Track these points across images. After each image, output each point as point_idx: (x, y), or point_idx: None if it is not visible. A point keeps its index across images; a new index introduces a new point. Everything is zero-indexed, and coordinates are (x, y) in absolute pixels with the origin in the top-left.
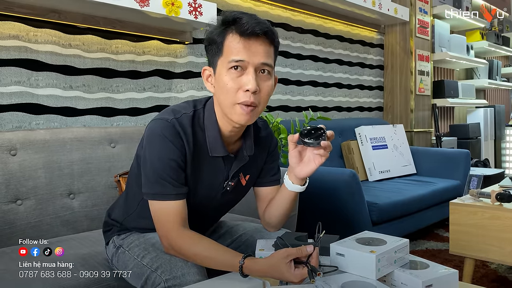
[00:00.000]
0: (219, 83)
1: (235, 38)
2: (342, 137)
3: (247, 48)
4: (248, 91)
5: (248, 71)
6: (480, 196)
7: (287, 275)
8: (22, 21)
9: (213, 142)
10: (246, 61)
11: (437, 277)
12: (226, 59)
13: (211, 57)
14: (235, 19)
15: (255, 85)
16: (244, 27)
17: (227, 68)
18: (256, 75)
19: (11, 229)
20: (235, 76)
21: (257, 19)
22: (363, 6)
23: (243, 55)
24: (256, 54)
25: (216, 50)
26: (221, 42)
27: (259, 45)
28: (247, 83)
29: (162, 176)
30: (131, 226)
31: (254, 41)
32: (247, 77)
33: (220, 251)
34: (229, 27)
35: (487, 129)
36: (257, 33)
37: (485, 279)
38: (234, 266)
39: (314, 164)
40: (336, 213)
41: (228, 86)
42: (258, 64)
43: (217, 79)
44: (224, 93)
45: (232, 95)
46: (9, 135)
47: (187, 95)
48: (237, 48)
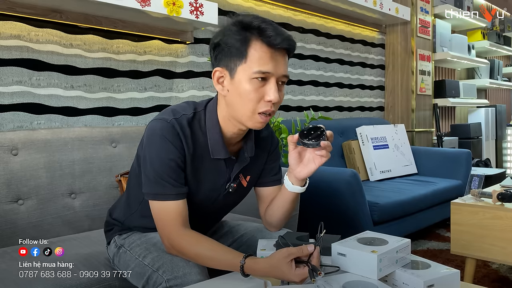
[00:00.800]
0: (239, 90)
1: (262, 49)
2: (343, 137)
3: (273, 60)
4: (270, 101)
5: (270, 82)
6: (482, 196)
7: (288, 274)
8: (23, 21)
9: (215, 144)
10: (271, 73)
11: (438, 277)
12: (251, 69)
13: (227, 59)
14: (260, 28)
15: (277, 96)
16: (274, 40)
17: (250, 77)
18: (277, 85)
19: (12, 228)
20: (258, 86)
21: (281, 30)
22: (364, 5)
23: (269, 67)
24: (280, 66)
25: (237, 55)
26: (244, 49)
27: (282, 57)
28: (270, 94)
29: (162, 176)
30: (133, 226)
31: (278, 53)
32: (270, 88)
33: (221, 251)
34: (253, 34)
35: (488, 129)
36: (286, 48)
37: (487, 279)
38: (235, 266)
39: (314, 165)
40: (337, 213)
41: (250, 95)
42: (280, 76)
43: (236, 85)
44: (244, 101)
45: (254, 104)
46: (11, 135)
47: (188, 94)
48: (264, 59)
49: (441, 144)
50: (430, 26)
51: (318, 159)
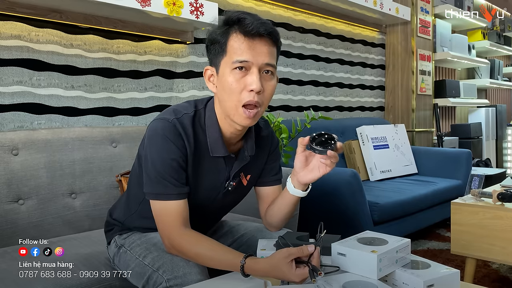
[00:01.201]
0: (223, 84)
1: (239, 38)
2: (344, 137)
3: (252, 48)
4: (253, 91)
5: (252, 71)
6: (482, 196)
7: (288, 275)
8: (24, 21)
9: (214, 142)
10: (250, 61)
11: (438, 277)
12: (230, 59)
13: (214, 57)
14: (239, 19)
15: (259, 85)
16: (249, 27)
17: (231, 69)
18: (260, 75)
19: (13, 228)
20: (239, 77)
21: (260, 19)
22: (365, 5)
23: (247, 55)
24: (261, 54)
25: (219, 50)
26: (224, 42)
27: (263, 45)
28: (251, 83)
29: (164, 176)
30: (133, 226)
31: (258, 42)
32: (251, 77)
33: (221, 251)
34: (232, 27)
35: (489, 129)
36: (262, 33)
37: (487, 279)
38: (236, 266)
39: (318, 173)
40: (337, 212)
41: (232, 86)
42: (262, 65)
43: (220, 79)
44: (228, 94)
45: (237, 96)
46: (11, 135)
47: (189, 95)
48: (241, 48)
49: (442, 144)
50: (430, 26)
51: (323, 168)
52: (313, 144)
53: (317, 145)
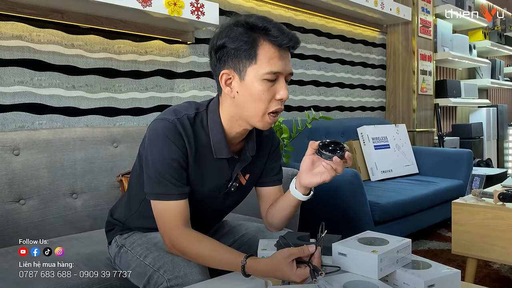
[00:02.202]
0: (250, 91)
1: (270, 49)
2: (344, 136)
3: (282, 59)
4: (281, 99)
5: (280, 81)
6: (483, 196)
7: (289, 275)
8: (25, 21)
9: (218, 144)
10: (281, 72)
11: (439, 277)
12: (262, 69)
13: (235, 61)
14: (265, 28)
15: (288, 94)
16: (283, 40)
17: (261, 78)
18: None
19: (14, 228)
20: (269, 86)
21: (285, 29)
22: (365, 5)
23: (279, 67)
24: (287, 64)
25: (246, 56)
26: (254, 51)
27: (288, 55)
28: (281, 93)
29: (164, 176)
30: (134, 226)
31: (285, 52)
32: (280, 87)
33: (222, 250)
34: (260, 35)
35: (490, 129)
36: (292, 46)
37: (488, 279)
38: (237, 266)
39: (319, 178)
40: (338, 212)
41: (262, 96)
42: (287, 75)
43: (248, 86)
44: (255, 101)
45: (266, 104)
46: (12, 135)
47: (189, 95)
48: (274, 60)
49: (442, 144)
50: (431, 26)
51: (326, 175)
52: (321, 149)
53: (326, 151)
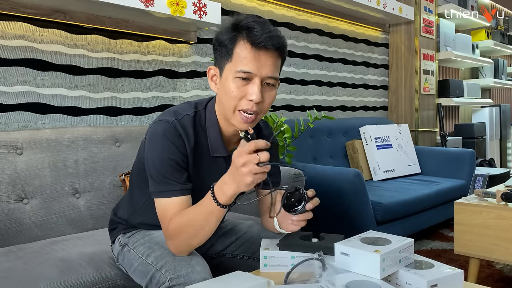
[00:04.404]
0: (224, 87)
1: (246, 47)
2: (347, 136)
3: (257, 60)
4: (252, 101)
5: (254, 82)
6: (485, 195)
7: (239, 174)
8: (28, 21)
9: (214, 142)
10: (253, 73)
11: (442, 277)
12: (235, 67)
13: (219, 59)
14: (248, 27)
15: (259, 96)
16: (257, 39)
17: (234, 76)
18: (261, 85)
19: (17, 228)
20: (241, 85)
21: (270, 30)
22: (368, 5)
23: (251, 67)
24: (265, 66)
25: (225, 54)
26: (231, 48)
27: (269, 57)
28: (252, 94)
29: (164, 174)
30: (137, 222)
31: (264, 53)
32: (252, 88)
33: (193, 207)
34: (241, 33)
35: (493, 129)
36: (268, 47)
37: (490, 279)
38: (211, 202)
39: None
40: (340, 212)
41: (233, 93)
42: (265, 77)
43: (223, 82)
44: (228, 98)
45: (235, 101)
46: (15, 134)
47: (192, 94)
48: (247, 58)
49: (445, 143)
50: (434, 26)
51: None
52: (285, 206)
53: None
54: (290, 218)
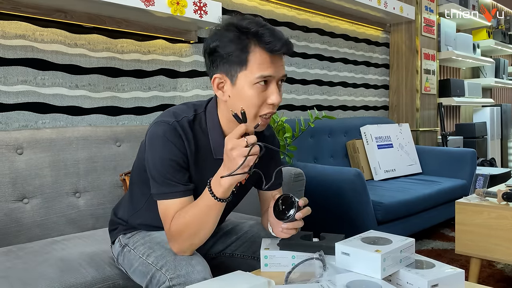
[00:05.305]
0: (241, 96)
1: (261, 55)
2: (347, 136)
3: (274, 63)
4: (273, 104)
5: (271, 85)
6: (486, 195)
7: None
8: (28, 21)
9: (217, 144)
10: (273, 76)
11: (443, 277)
12: (253, 74)
13: (226, 66)
14: (258, 33)
15: (279, 99)
16: (275, 46)
17: (252, 83)
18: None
19: (18, 227)
20: (261, 91)
21: (278, 33)
22: (369, 4)
23: (271, 71)
24: (280, 68)
25: (237, 62)
26: (245, 57)
27: (281, 59)
28: (273, 98)
29: (166, 176)
30: (137, 223)
31: (278, 56)
32: (271, 91)
33: (194, 204)
34: (251, 40)
35: (494, 128)
36: (285, 53)
37: (491, 279)
38: (208, 198)
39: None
40: (341, 212)
41: (254, 100)
42: (280, 77)
43: (238, 91)
44: (248, 106)
45: (257, 109)
46: (16, 134)
47: (192, 94)
48: (265, 64)
49: (446, 143)
50: (434, 25)
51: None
52: (276, 214)
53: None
54: (281, 226)
